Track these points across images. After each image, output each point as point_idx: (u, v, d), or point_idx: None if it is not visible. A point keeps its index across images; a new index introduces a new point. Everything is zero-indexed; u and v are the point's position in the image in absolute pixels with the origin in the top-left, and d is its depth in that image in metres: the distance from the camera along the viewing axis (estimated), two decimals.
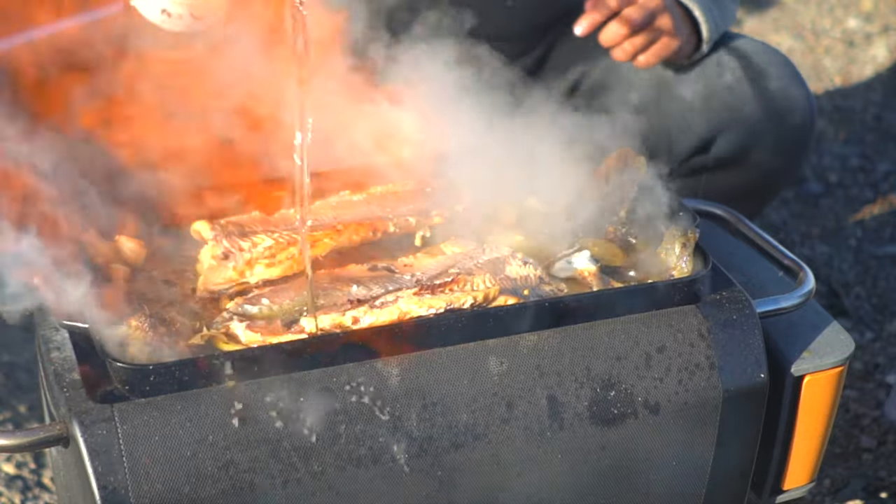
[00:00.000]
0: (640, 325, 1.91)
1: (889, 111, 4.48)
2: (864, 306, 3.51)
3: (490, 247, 2.02)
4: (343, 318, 1.83)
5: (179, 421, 1.71)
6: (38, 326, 1.93)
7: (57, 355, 1.83)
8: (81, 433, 1.68)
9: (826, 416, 2.07)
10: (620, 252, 2.07)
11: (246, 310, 1.88)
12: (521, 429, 1.84)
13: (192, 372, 1.72)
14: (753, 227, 2.26)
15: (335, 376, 1.78)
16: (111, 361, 1.71)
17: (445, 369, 1.82)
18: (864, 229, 3.87)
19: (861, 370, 3.26)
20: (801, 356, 2.02)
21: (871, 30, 5.01)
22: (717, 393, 1.92)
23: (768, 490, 2.11)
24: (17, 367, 3.19)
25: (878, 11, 5.13)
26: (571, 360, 1.87)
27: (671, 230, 2.02)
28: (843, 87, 4.62)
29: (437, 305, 1.84)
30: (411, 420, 1.79)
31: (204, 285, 1.95)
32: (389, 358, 1.80)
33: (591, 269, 1.99)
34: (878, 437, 3.03)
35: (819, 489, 2.87)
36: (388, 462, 1.78)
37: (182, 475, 1.70)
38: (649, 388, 1.89)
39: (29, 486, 2.84)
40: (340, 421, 1.76)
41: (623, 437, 1.89)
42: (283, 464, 1.74)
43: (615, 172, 2.14)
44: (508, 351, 1.85)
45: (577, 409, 1.86)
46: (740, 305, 1.95)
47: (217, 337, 1.82)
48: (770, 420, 2.01)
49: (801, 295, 2.05)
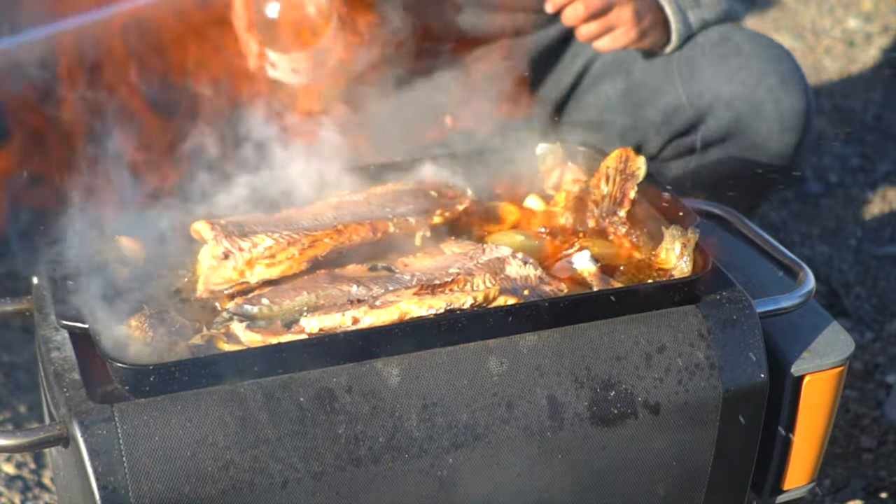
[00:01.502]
0: (640, 325, 1.91)
1: (889, 111, 4.48)
2: (864, 306, 3.51)
3: (490, 247, 2.02)
4: (343, 318, 1.83)
5: (179, 421, 1.71)
6: (38, 326, 1.93)
7: (57, 355, 1.83)
8: (81, 433, 1.68)
9: (826, 416, 2.07)
10: (620, 252, 2.07)
11: (246, 310, 1.88)
12: (521, 429, 1.84)
13: (192, 372, 1.72)
14: (753, 226, 2.26)
15: (335, 376, 1.78)
16: (111, 361, 1.71)
17: (445, 369, 1.82)
18: (864, 229, 3.87)
19: (861, 370, 3.26)
20: (801, 356, 2.02)
21: (871, 30, 5.01)
22: (717, 393, 1.92)
23: (768, 490, 2.11)
24: (17, 367, 3.19)
25: (878, 11, 5.13)
26: (571, 360, 1.87)
27: (671, 230, 2.02)
28: (843, 87, 4.62)
29: (437, 305, 1.84)
30: (411, 420, 1.79)
31: (204, 285, 1.95)
32: (389, 358, 1.80)
33: (591, 269, 1.99)
34: (878, 437, 3.03)
35: (819, 489, 2.87)
36: (388, 462, 1.78)
37: (182, 475, 1.70)
38: (649, 389, 1.89)
39: (29, 486, 2.84)
40: (340, 421, 1.76)
41: (623, 438, 1.89)
42: (283, 464, 1.74)
43: (615, 172, 2.14)
44: (508, 351, 1.85)
45: (577, 409, 1.86)
46: (740, 305, 1.95)
47: (217, 337, 1.82)
48: (770, 420, 2.01)
49: (801, 295, 2.05)
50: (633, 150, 2.15)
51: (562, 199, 2.17)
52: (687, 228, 2.02)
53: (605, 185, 2.15)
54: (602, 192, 2.14)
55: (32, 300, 2.00)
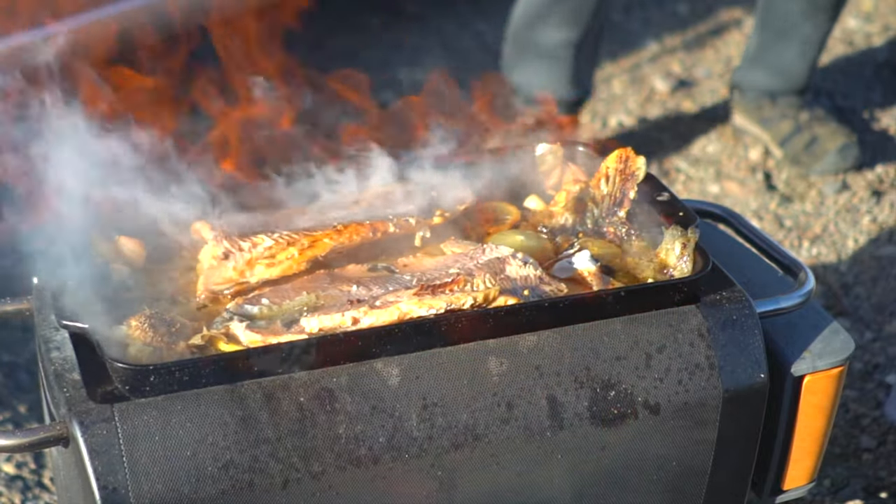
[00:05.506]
0: (640, 325, 1.91)
1: (889, 111, 4.48)
2: (864, 306, 3.51)
3: (490, 247, 2.02)
4: (343, 318, 1.83)
5: (179, 421, 1.71)
6: (38, 326, 1.93)
7: (57, 355, 1.83)
8: (81, 433, 1.68)
9: (826, 416, 2.07)
10: (620, 252, 2.07)
11: (246, 310, 1.88)
12: (521, 429, 1.84)
13: (192, 372, 1.72)
14: (753, 227, 2.26)
15: (335, 376, 1.78)
16: (111, 361, 1.71)
17: (445, 369, 1.82)
18: (864, 230, 3.87)
19: (861, 370, 3.26)
20: (801, 356, 2.02)
21: (871, 30, 5.01)
22: (717, 393, 1.92)
23: (768, 490, 2.11)
24: (17, 367, 3.19)
25: (878, 11, 5.13)
26: (571, 360, 1.87)
27: (671, 230, 2.02)
28: (843, 87, 4.62)
29: (437, 305, 1.84)
30: (411, 420, 1.79)
31: (204, 285, 1.95)
32: (389, 358, 1.80)
33: (591, 269, 1.99)
34: (878, 437, 3.03)
35: (819, 489, 2.87)
36: (387, 462, 1.78)
37: (182, 475, 1.70)
38: (649, 389, 1.89)
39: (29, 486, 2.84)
40: (340, 421, 1.76)
41: (623, 438, 1.89)
42: (283, 464, 1.74)
43: (615, 172, 2.14)
44: (508, 351, 1.85)
45: (577, 409, 1.86)
46: (740, 305, 1.95)
47: (217, 337, 1.82)
48: (770, 420, 2.01)
49: (801, 295, 2.05)
50: (632, 150, 2.15)
51: (562, 199, 2.17)
52: (687, 228, 2.02)
53: (605, 185, 2.15)
54: (602, 192, 2.14)
55: (32, 300, 2.00)
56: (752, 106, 4.22)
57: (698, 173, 4.17)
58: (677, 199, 2.11)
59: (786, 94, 4.17)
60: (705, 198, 4.04)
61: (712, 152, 4.27)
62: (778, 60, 4.12)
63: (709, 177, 4.15)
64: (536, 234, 2.13)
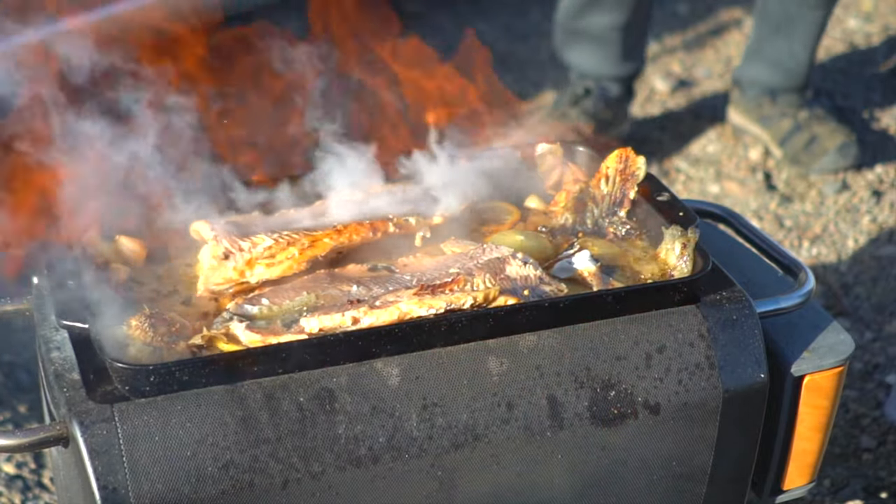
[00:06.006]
0: (640, 325, 1.91)
1: (889, 111, 4.48)
2: (864, 306, 3.51)
3: (490, 247, 2.02)
4: (343, 318, 1.83)
5: (179, 421, 1.71)
6: (38, 326, 1.93)
7: (57, 355, 1.83)
8: (81, 433, 1.68)
9: (826, 417, 2.07)
10: (620, 252, 2.07)
11: (246, 310, 1.88)
12: (521, 429, 1.84)
13: (192, 372, 1.72)
14: (753, 227, 2.26)
15: (335, 376, 1.78)
16: (111, 361, 1.71)
17: (445, 369, 1.82)
18: (864, 230, 3.87)
19: (861, 370, 3.26)
20: (801, 356, 2.02)
21: (871, 30, 5.01)
22: (717, 393, 1.92)
23: (768, 490, 2.11)
24: (17, 367, 3.19)
25: (878, 11, 5.13)
26: (571, 360, 1.87)
27: (671, 230, 2.02)
28: (844, 87, 4.62)
29: (437, 305, 1.84)
30: (411, 420, 1.79)
31: (204, 285, 1.95)
32: (389, 358, 1.80)
33: (591, 269, 1.99)
34: (878, 437, 3.03)
35: (819, 489, 2.87)
36: (387, 462, 1.78)
37: (182, 475, 1.70)
38: (649, 389, 1.89)
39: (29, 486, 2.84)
40: (340, 421, 1.76)
41: (623, 438, 1.89)
42: (283, 464, 1.74)
43: (615, 172, 2.14)
44: (508, 351, 1.85)
45: (577, 409, 1.86)
46: (740, 305, 1.95)
47: (217, 337, 1.82)
48: (770, 420, 2.01)
49: (801, 295, 2.05)
50: (632, 150, 2.15)
51: (562, 199, 2.17)
52: (687, 228, 2.02)
53: (605, 185, 2.15)
54: (602, 192, 2.14)
55: (32, 300, 2.00)
56: (752, 104, 4.22)
57: (698, 173, 4.17)
58: (677, 199, 2.11)
59: (786, 90, 4.17)
60: (705, 198, 4.04)
61: (712, 152, 4.27)
62: (776, 53, 4.12)
63: (709, 177, 4.15)
64: (536, 234, 2.13)
